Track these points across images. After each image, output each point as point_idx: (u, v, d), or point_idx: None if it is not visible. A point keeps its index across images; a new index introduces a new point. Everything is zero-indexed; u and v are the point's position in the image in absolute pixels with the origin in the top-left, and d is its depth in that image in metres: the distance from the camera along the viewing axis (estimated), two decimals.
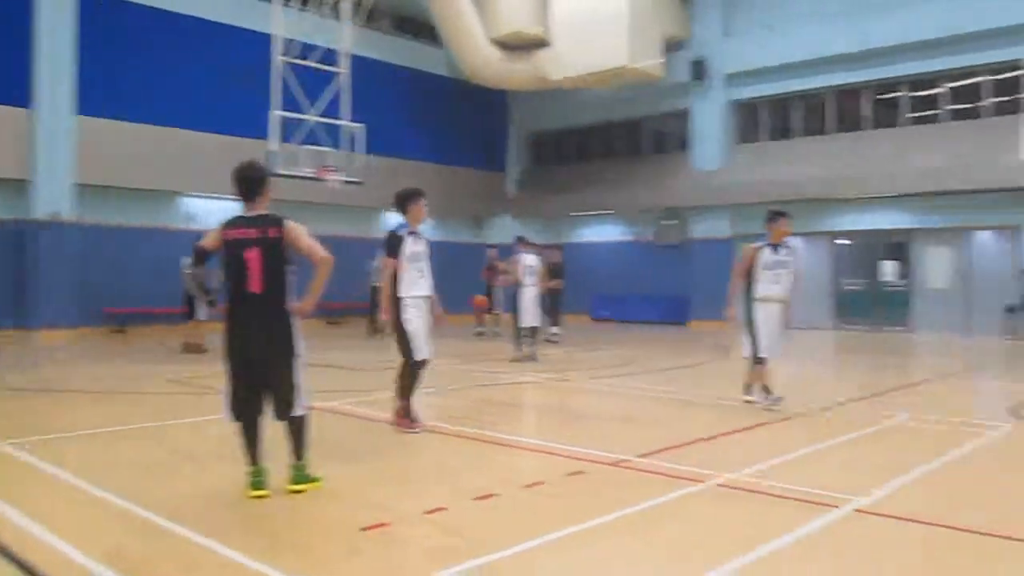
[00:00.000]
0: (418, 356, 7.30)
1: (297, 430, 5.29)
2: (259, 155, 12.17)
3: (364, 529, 4.48)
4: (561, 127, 28.03)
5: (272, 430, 5.31)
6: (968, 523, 4.69)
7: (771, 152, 22.74)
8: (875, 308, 21.30)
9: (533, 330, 13.75)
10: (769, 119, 23.45)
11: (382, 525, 4.55)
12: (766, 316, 8.60)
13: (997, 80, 19.48)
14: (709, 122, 23.61)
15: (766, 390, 8.63)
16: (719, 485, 5.50)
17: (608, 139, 27.12)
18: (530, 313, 13.66)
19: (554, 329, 16.99)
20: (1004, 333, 18.67)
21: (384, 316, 7.41)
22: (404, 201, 7.48)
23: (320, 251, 5.22)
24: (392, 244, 7.28)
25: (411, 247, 7.32)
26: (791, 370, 9.12)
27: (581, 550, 4.28)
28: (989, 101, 19.64)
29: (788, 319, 8.82)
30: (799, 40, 21.50)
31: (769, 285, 8.60)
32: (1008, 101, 19.17)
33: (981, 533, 4.55)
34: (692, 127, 24.03)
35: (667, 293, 24.30)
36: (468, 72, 23.85)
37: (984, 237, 19.87)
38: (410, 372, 7.36)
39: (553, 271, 16.52)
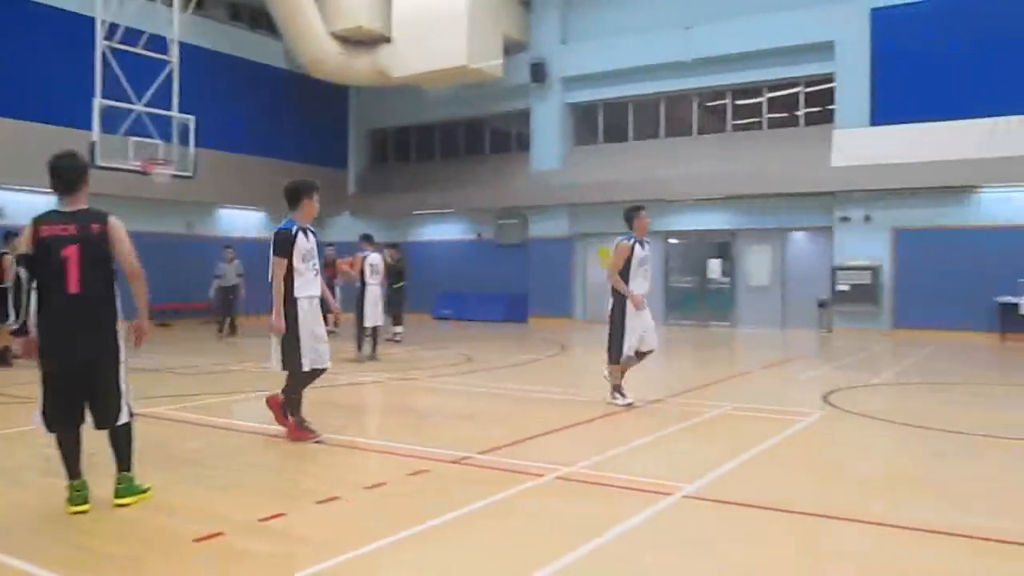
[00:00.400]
0: (308, 366, 6.74)
1: (122, 439, 4.99)
2: (79, 145, 11.38)
3: (197, 540, 4.30)
4: (403, 124, 27.87)
5: (94, 440, 4.99)
6: (789, 504, 5.02)
7: (607, 154, 23.49)
8: (702, 304, 22.43)
9: (375, 329, 13.60)
10: (605, 122, 24.22)
11: (216, 535, 4.37)
12: (640, 316, 8.50)
13: (812, 92, 20.99)
14: (548, 123, 24.12)
15: (618, 390, 8.67)
16: (558, 478, 5.65)
17: (450, 138, 27.19)
18: (373, 312, 13.51)
19: (397, 328, 16.88)
20: (817, 326, 20.14)
21: (276, 319, 6.73)
22: (296, 195, 6.86)
23: (134, 262, 4.92)
24: (282, 242, 6.74)
25: (303, 244, 6.81)
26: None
27: (422, 549, 4.28)
28: (805, 111, 21.15)
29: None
30: (632, 48, 22.31)
31: (641, 281, 8.56)
32: (821, 111, 20.72)
33: (801, 513, 4.88)
34: (532, 128, 24.49)
35: (508, 291, 24.65)
36: (307, 65, 23.28)
37: (799, 237, 21.34)
38: (295, 384, 6.83)
39: (395, 270, 16.42)
